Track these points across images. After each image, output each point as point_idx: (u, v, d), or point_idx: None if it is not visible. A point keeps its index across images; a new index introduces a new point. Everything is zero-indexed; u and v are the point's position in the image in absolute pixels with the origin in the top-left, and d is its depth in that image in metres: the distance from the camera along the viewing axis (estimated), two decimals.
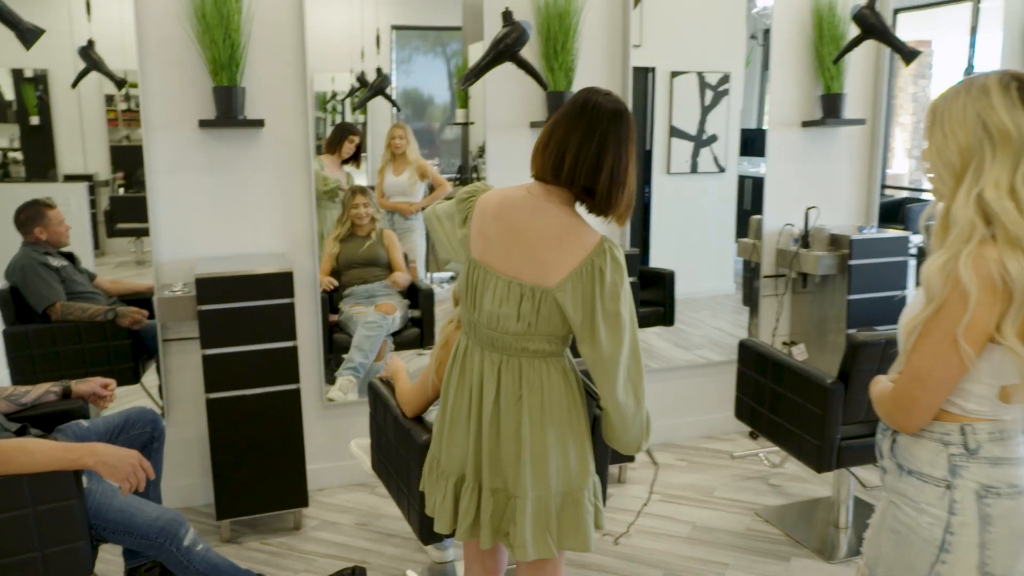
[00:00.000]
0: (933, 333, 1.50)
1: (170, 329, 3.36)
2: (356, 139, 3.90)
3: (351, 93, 3.97)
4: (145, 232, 3.41)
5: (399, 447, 2.54)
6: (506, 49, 3.07)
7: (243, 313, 3.07)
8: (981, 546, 1.54)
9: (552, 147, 1.84)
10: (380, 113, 4.07)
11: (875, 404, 1.69)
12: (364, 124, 4.09)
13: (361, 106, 3.99)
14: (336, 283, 3.81)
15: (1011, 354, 1.46)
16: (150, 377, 3.52)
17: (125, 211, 3.54)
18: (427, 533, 2.46)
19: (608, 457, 2.62)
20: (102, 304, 3.41)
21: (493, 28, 3.52)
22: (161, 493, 2.82)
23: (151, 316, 3.45)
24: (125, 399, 3.31)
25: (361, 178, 3.98)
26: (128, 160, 3.44)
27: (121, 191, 3.51)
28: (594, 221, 1.92)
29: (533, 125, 3.71)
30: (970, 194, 1.49)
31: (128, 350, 3.47)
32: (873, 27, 3.76)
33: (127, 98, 3.40)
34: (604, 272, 1.79)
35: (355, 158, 3.93)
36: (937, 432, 1.58)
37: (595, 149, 1.81)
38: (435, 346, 2.34)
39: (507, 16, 3.16)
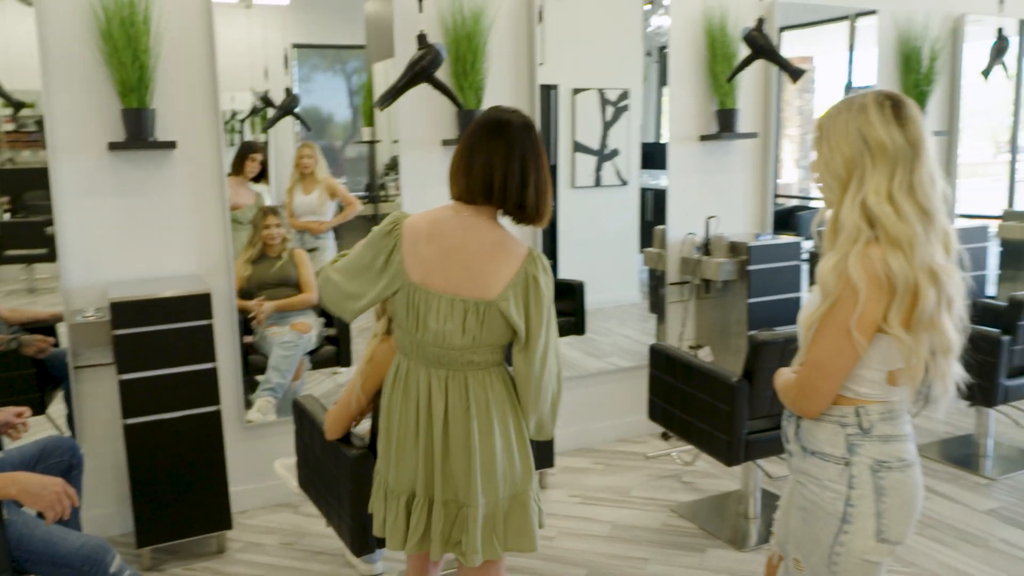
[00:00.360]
0: (829, 326, 1.69)
1: (81, 356, 3.31)
2: (258, 156, 3.90)
3: (253, 112, 3.99)
4: (37, 259, 3.36)
5: (327, 462, 2.60)
6: (422, 71, 3.19)
7: (160, 336, 3.07)
8: (877, 515, 1.73)
9: (478, 171, 1.96)
10: (282, 132, 4.10)
11: (780, 393, 1.87)
12: (266, 143, 4.12)
13: (271, 126, 4.02)
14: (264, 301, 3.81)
15: (896, 342, 1.66)
16: (56, 406, 3.45)
17: (15, 237, 3.47)
18: (359, 545, 2.53)
19: None
20: (3, 333, 3.34)
21: (404, 48, 3.64)
22: (81, 523, 2.79)
23: (56, 344, 3.41)
24: (31, 431, 3.25)
25: (267, 198, 4.00)
26: (14, 184, 3.38)
27: (7, 216, 3.44)
28: (512, 228, 2.06)
29: (445, 143, 3.83)
30: (855, 201, 1.69)
31: (33, 380, 3.39)
32: (762, 48, 4.05)
33: (14, 119, 3.35)
34: (538, 280, 1.96)
35: (263, 175, 3.94)
36: (835, 415, 1.77)
37: (519, 168, 1.95)
38: (361, 361, 2.41)
39: (422, 39, 3.28)
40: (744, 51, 4.24)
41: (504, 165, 1.94)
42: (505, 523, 2.05)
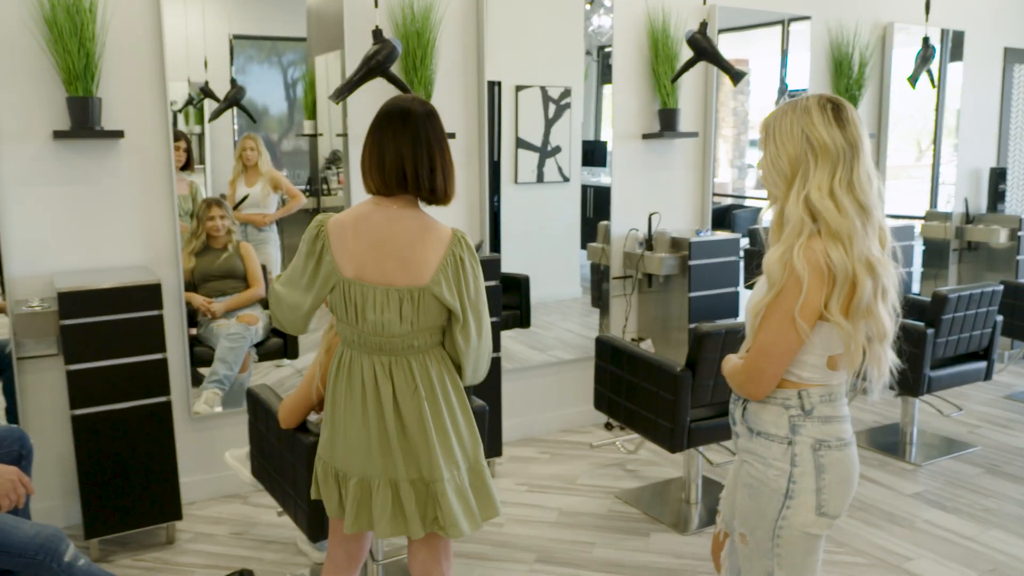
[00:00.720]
0: (775, 314, 1.82)
1: (24, 347, 3.28)
2: (182, 144, 3.84)
3: (188, 103, 3.97)
4: None
5: (283, 451, 2.64)
6: (377, 65, 3.25)
7: (110, 327, 3.07)
8: (817, 491, 1.87)
9: (390, 164, 2.05)
10: (221, 123, 4.09)
11: (728, 377, 1.99)
12: (201, 135, 4.10)
13: (215, 117, 4.01)
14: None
15: (837, 328, 1.80)
16: None
17: None
18: (315, 531, 2.59)
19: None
20: None
21: (354, 42, 3.68)
22: (31, 513, 2.78)
23: None
24: None
25: (202, 189, 3.99)
26: None
27: None
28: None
29: None
30: (799, 196, 1.82)
31: None
32: (705, 50, 4.20)
33: None
34: (464, 260, 2.08)
35: (188, 165, 3.91)
36: (779, 398, 1.90)
37: (426, 155, 2.06)
38: (319, 352, 2.46)
39: (377, 34, 3.34)
40: (686, 52, 4.39)
41: (413, 154, 2.05)
42: (474, 495, 2.15)
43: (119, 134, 3.29)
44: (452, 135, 3.96)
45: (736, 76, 4.24)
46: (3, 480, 2.26)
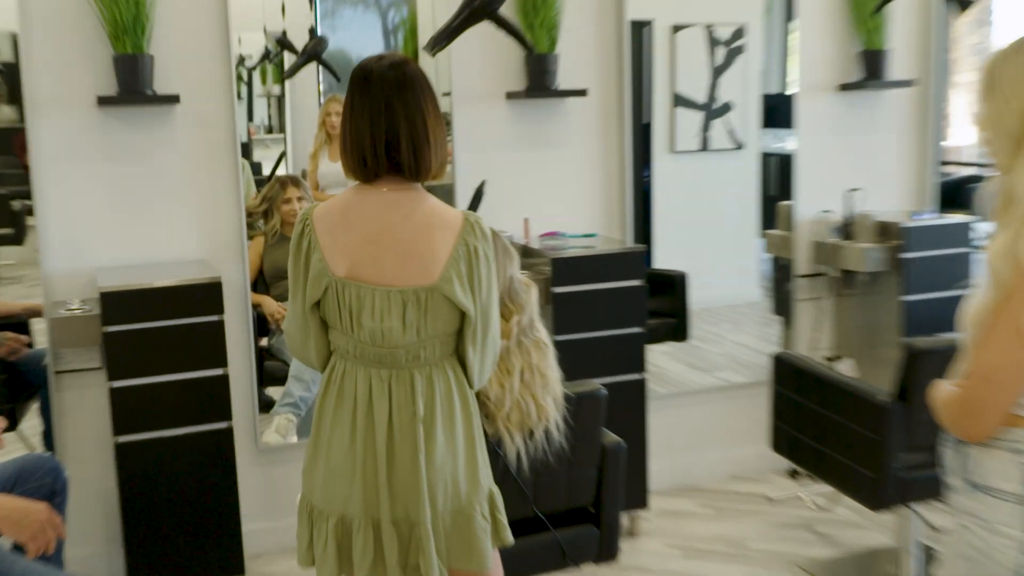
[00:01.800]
0: (1001, 326, 1.73)
1: (63, 358, 3.49)
2: None
3: (265, 58, 4.13)
4: (2, 240, 3.62)
5: None
6: (482, 7, 3.29)
7: (160, 334, 3.24)
8: None
9: (351, 145, 2.13)
10: (303, 83, 4.24)
11: (938, 411, 1.92)
12: (281, 96, 4.26)
13: (291, 75, 4.17)
14: None
15: None
16: (31, 421, 3.63)
17: None
18: None
19: (619, 504, 2.84)
20: None
21: None
22: (64, 562, 2.96)
23: (31, 344, 3.59)
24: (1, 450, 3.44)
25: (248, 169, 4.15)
26: None
27: None
28: None
29: (510, 96, 3.93)
30: None
31: (3, 388, 3.58)
32: None
33: None
34: (479, 251, 2.13)
35: None
36: (1007, 440, 1.81)
37: (385, 123, 2.10)
38: None
39: None
40: None
41: (370, 127, 2.10)
42: (453, 542, 2.19)
43: (174, 99, 3.47)
44: (583, 92, 3.97)
45: (964, 2, 4.07)
46: (31, 520, 2.41)
